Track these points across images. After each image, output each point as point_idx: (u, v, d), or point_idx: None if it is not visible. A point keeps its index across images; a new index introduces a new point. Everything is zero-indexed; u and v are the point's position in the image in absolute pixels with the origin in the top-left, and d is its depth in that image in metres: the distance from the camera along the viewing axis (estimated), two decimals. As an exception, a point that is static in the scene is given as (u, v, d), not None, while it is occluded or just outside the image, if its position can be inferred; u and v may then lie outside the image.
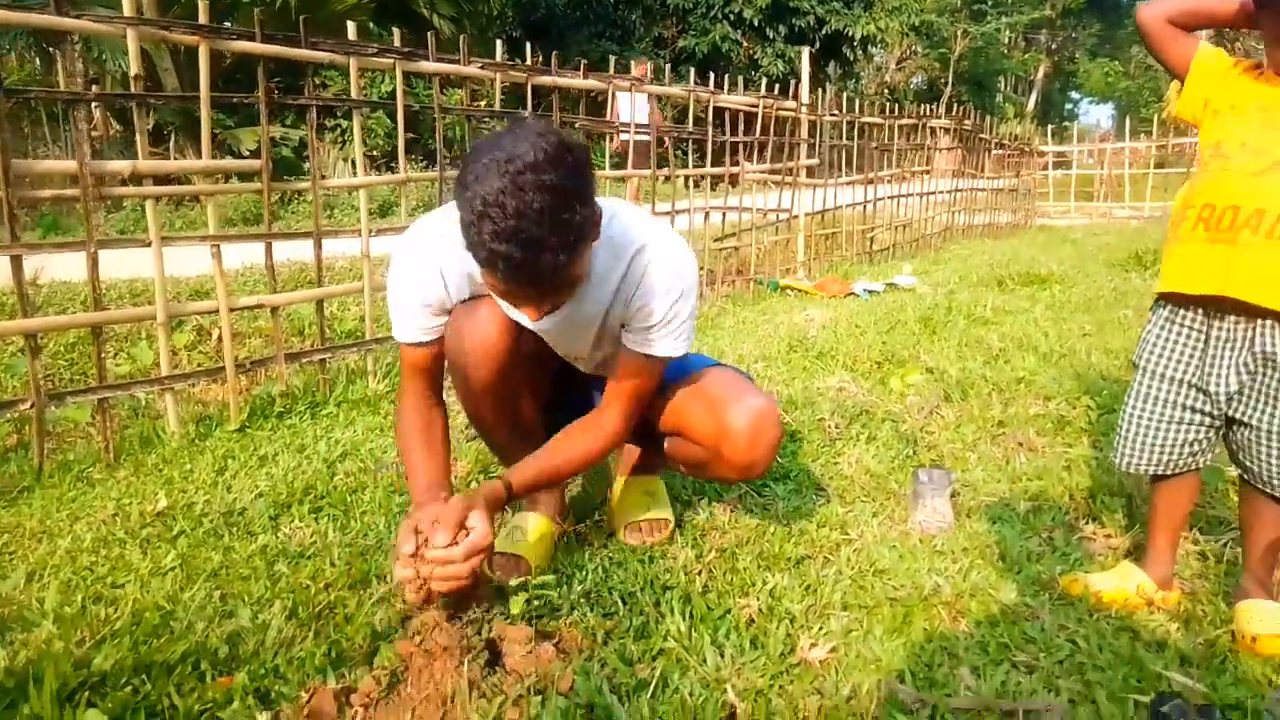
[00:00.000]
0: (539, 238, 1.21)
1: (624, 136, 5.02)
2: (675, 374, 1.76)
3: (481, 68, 3.57)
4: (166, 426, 2.70)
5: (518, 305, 1.42)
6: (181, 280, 4.81)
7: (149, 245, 2.62)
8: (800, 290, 5.64)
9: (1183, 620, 1.61)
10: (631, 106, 4.95)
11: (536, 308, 1.39)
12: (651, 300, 1.54)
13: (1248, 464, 1.57)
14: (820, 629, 1.55)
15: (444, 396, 1.76)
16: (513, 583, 1.70)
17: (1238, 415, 1.54)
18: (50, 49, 11.40)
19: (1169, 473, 1.66)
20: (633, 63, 5.10)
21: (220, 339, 3.25)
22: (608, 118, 4.81)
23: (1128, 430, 1.67)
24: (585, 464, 1.69)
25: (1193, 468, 1.65)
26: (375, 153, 13.03)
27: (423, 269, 1.59)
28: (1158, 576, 1.67)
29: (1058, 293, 5.35)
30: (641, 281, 1.54)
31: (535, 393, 1.82)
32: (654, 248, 1.54)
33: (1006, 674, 1.42)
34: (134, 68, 2.52)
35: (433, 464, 1.65)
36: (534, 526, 1.85)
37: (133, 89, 2.57)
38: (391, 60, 3.21)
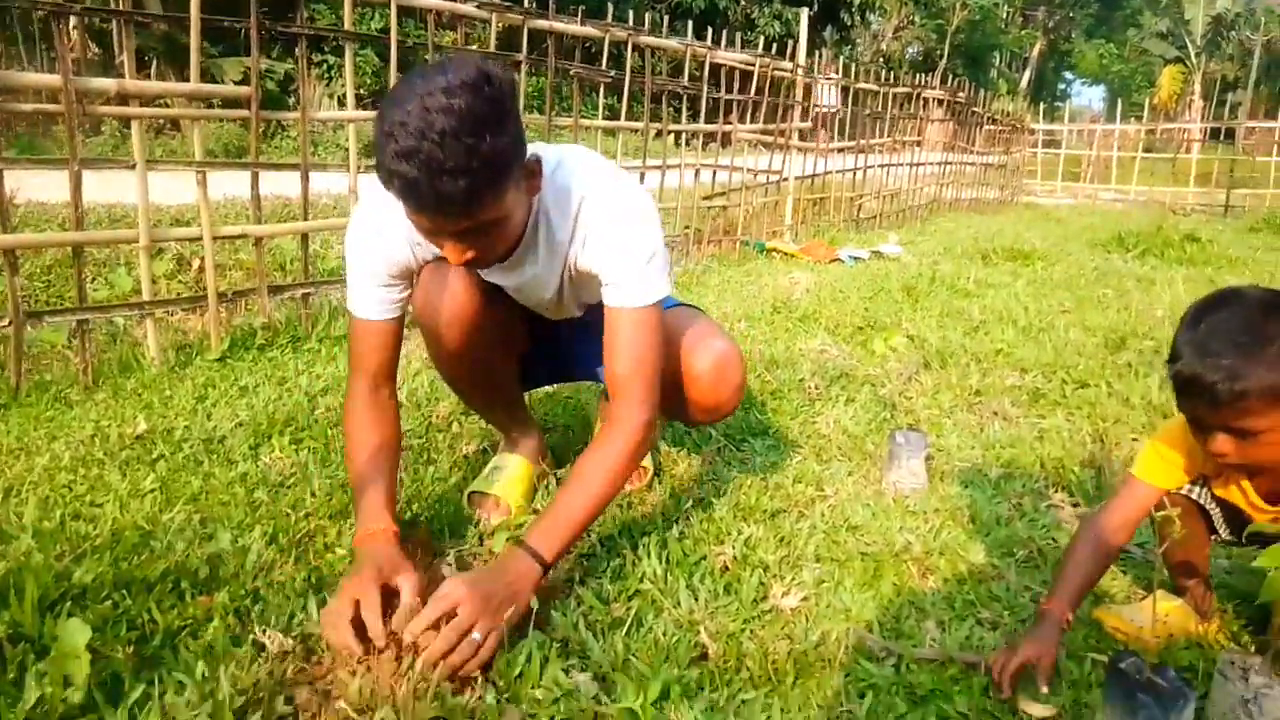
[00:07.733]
0: (438, 160, 1.16)
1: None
2: None
3: (478, 6, 3.51)
4: (146, 353, 2.68)
5: (436, 241, 1.33)
6: (162, 209, 4.74)
7: (133, 167, 2.58)
8: (786, 253, 5.64)
9: (1142, 587, 1.66)
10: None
11: (456, 246, 1.30)
12: (608, 240, 1.46)
13: None
14: (793, 579, 1.58)
15: (396, 385, 1.63)
16: (493, 522, 1.73)
17: None
18: (28, -38, 11.04)
19: None
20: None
21: (200, 269, 3.22)
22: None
23: None
24: (622, 479, 1.48)
25: None
26: (361, 91, 12.78)
27: (380, 226, 1.49)
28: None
29: (1040, 269, 5.39)
30: (593, 223, 1.46)
31: (508, 348, 1.81)
32: (599, 190, 1.47)
33: (970, 629, 1.47)
34: (122, -18, 2.45)
35: (377, 479, 1.49)
36: (514, 467, 1.86)
37: (120, 5, 2.51)
38: (387, -8, 3.14)
